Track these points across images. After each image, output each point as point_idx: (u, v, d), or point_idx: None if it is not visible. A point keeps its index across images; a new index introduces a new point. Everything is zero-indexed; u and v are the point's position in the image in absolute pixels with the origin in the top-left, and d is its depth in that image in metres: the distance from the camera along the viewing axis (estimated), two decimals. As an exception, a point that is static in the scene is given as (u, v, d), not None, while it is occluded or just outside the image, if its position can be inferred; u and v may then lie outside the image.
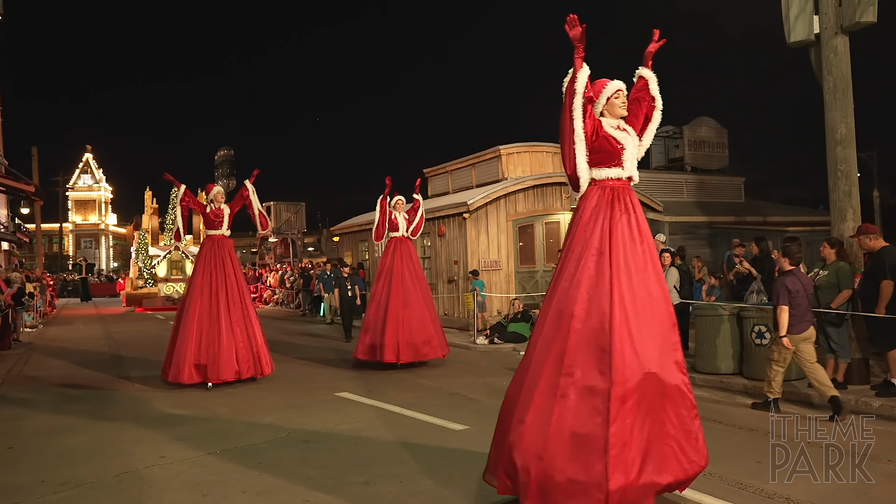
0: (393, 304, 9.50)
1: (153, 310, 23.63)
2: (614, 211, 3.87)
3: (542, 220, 15.02)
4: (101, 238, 62.95)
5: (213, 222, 8.99)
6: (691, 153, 20.73)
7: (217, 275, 8.62)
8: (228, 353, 8.27)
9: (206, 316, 8.38)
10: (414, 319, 9.49)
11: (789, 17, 7.95)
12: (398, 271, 9.71)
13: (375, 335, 9.49)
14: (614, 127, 4.03)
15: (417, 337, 9.44)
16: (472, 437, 5.75)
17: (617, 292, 3.66)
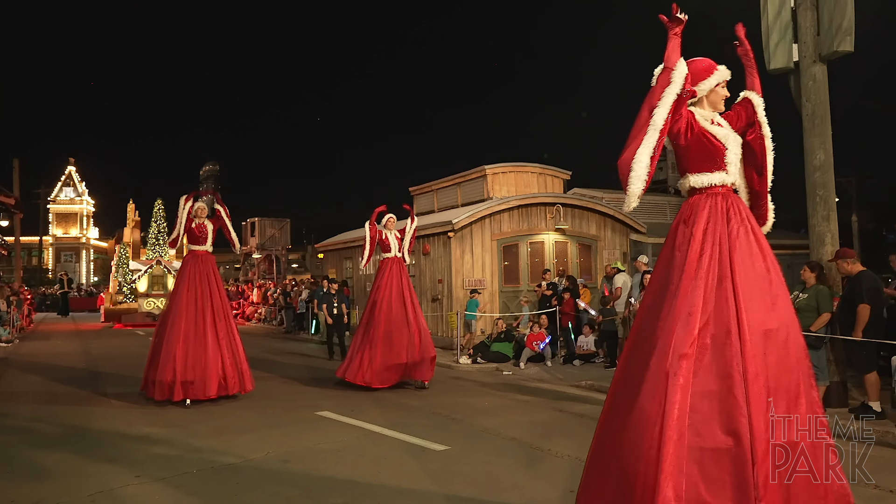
0: (382, 327, 9.31)
1: (133, 326, 23.01)
2: (731, 224, 3.19)
3: (526, 239, 15.09)
4: (81, 252, 62.26)
5: (198, 238, 8.94)
6: (675, 175, 20.97)
7: (202, 290, 8.54)
8: (215, 370, 8.20)
9: (192, 332, 8.27)
10: (402, 344, 9.28)
11: (769, 44, 8.12)
12: (389, 294, 9.56)
13: (362, 358, 9.30)
14: (709, 121, 3.37)
15: (391, 360, 9.20)
16: (453, 458, 5.72)
17: (749, 333, 2.96)
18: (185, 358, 8.12)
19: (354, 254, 18.69)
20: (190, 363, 8.11)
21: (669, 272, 3.19)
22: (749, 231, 3.19)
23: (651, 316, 3.19)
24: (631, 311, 10.04)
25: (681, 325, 3.00)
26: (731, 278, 3.05)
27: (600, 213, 16.07)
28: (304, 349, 15.55)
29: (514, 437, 6.48)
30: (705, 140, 3.27)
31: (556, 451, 5.91)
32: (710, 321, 3.00)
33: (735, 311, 2.99)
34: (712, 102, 3.40)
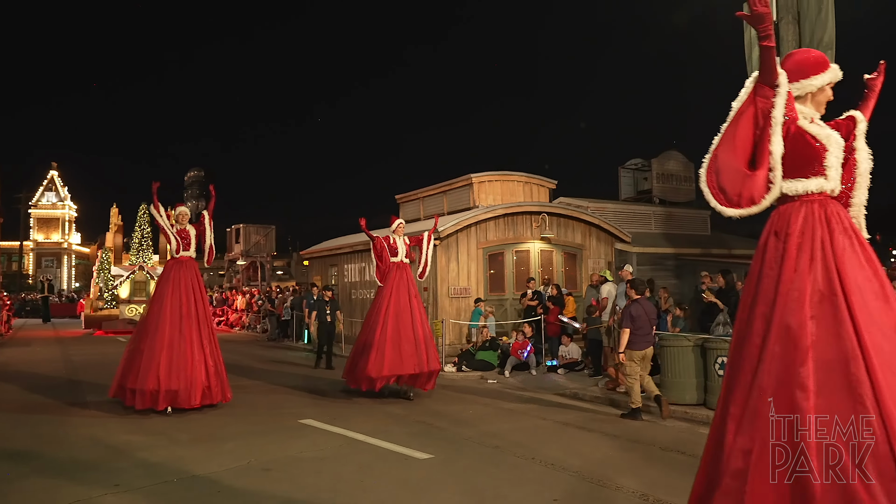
0: (389, 334, 9.07)
1: (114, 333, 22.55)
2: (835, 235, 2.77)
3: (512, 248, 15.12)
4: (63, 257, 61.50)
5: (179, 243, 8.79)
6: (659, 186, 21.12)
7: (186, 297, 8.36)
8: (199, 378, 8.06)
9: (176, 340, 8.09)
10: (401, 351, 9.03)
11: (752, 57, 8.23)
12: (397, 300, 9.30)
13: (358, 364, 9.16)
14: (809, 120, 2.95)
15: (399, 369, 8.96)
16: (436, 466, 5.69)
17: (874, 356, 2.52)
18: (168, 366, 7.92)
19: (339, 261, 18.63)
20: (174, 372, 7.93)
21: (762, 292, 2.81)
22: (855, 243, 2.77)
23: (746, 346, 2.83)
24: (615, 319, 10.07)
25: (784, 355, 2.65)
26: (842, 297, 2.63)
27: (586, 223, 16.14)
28: (289, 357, 15.43)
29: (498, 445, 6.46)
30: (804, 140, 2.84)
31: (540, 459, 5.90)
32: (823, 346, 2.60)
33: (854, 334, 2.57)
34: (817, 102, 3.01)
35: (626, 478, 5.35)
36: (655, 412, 7.91)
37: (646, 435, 6.99)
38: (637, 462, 5.91)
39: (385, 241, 9.71)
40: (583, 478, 5.34)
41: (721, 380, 7.92)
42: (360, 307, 17.44)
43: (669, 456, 6.12)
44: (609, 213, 18.11)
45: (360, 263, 17.58)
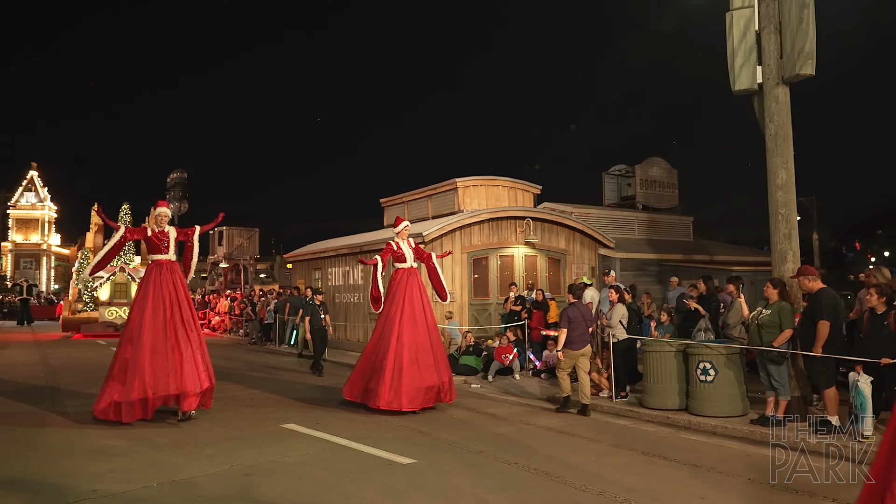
0: (395, 345, 8.50)
1: (93, 336, 22.12)
2: None
3: (496, 253, 15.14)
4: (42, 258, 60.68)
5: (158, 246, 8.29)
6: (643, 192, 21.30)
7: (171, 302, 7.97)
8: (193, 384, 7.74)
9: (160, 345, 7.69)
10: (419, 364, 8.45)
11: (734, 66, 8.33)
12: (411, 309, 8.73)
13: (372, 378, 8.50)
14: None
15: (419, 383, 8.35)
16: (419, 471, 5.68)
17: None
18: (154, 373, 7.56)
19: (324, 265, 18.56)
20: (161, 378, 7.57)
21: None
22: None
23: None
24: (599, 324, 10.12)
25: None
26: None
27: (569, 228, 16.21)
28: (271, 361, 15.33)
29: (481, 450, 6.46)
30: None
31: (523, 464, 5.91)
32: None
33: None
34: None
35: (607, 483, 5.37)
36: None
37: (628, 440, 7.03)
38: (619, 467, 5.94)
39: (390, 249, 9.20)
40: (565, 482, 5.36)
41: (703, 385, 8.01)
42: (343, 311, 17.38)
43: (651, 461, 6.15)
44: (593, 219, 18.21)
45: (344, 267, 17.52)
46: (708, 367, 7.79)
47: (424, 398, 8.37)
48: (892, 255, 51.39)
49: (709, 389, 7.78)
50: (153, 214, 8.39)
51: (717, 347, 7.88)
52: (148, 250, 8.43)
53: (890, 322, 6.44)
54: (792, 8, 7.81)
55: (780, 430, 6.96)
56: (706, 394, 7.80)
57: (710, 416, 7.66)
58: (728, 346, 7.89)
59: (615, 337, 9.05)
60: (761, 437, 6.91)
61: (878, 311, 6.54)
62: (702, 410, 7.78)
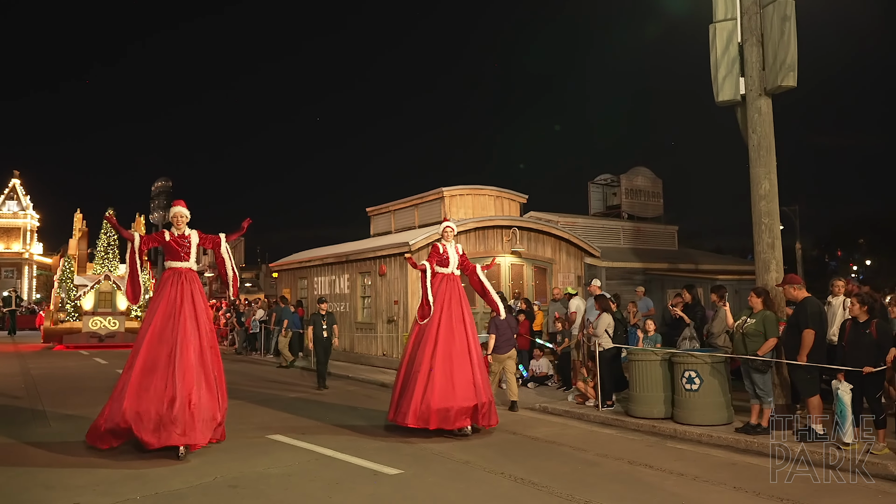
0: (429, 360, 7.64)
1: (76, 347, 21.33)
2: None
3: (482, 262, 15.11)
4: (24, 267, 59.93)
5: (177, 251, 7.17)
6: (628, 201, 21.46)
7: (187, 317, 6.81)
8: (211, 413, 6.64)
9: (163, 369, 6.55)
10: (454, 381, 7.54)
11: (718, 77, 8.43)
12: (449, 318, 7.88)
13: (404, 395, 7.72)
14: None
15: (458, 401, 7.43)
16: (405, 482, 5.65)
17: None
18: (142, 399, 6.43)
19: (310, 274, 18.48)
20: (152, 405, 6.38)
21: None
22: None
23: None
24: (585, 333, 10.14)
25: None
26: None
27: (556, 237, 16.28)
28: (257, 370, 15.21)
29: (468, 460, 6.44)
30: None
31: (509, 474, 5.90)
32: None
33: None
34: None
35: (594, 492, 5.37)
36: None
37: (614, 449, 7.04)
38: (605, 476, 5.95)
39: (436, 252, 8.31)
40: (551, 492, 5.35)
41: (689, 394, 8.07)
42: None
43: (637, 470, 6.16)
44: (579, 228, 18.31)
45: (330, 276, 17.47)
46: (693, 376, 7.83)
47: (458, 418, 7.42)
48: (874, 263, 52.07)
49: (694, 398, 7.82)
50: (170, 215, 7.59)
51: (702, 356, 7.92)
52: (166, 256, 7.33)
53: (871, 330, 6.51)
54: (774, 20, 7.93)
55: (764, 438, 7.00)
56: (691, 402, 7.84)
57: (695, 424, 7.69)
58: (713, 354, 7.93)
59: (601, 346, 9.08)
60: (746, 446, 6.95)
61: (860, 319, 6.62)
62: (687, 419, 7.81)
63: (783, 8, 7.87)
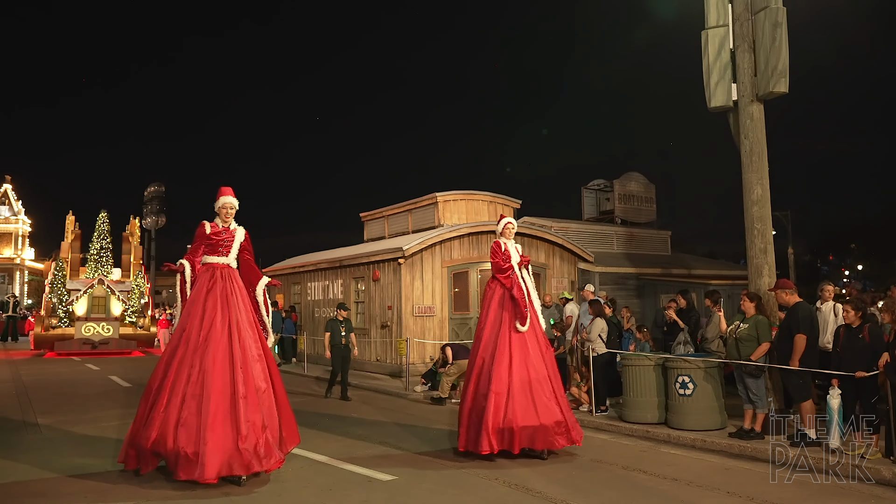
0: (504, 373, 6.66)
1: (67, 354, 20.29)
2: None
3: (476, 267, 15.16)
4: (15, 273, 59.60)
5: (216, 245, 6.30)
6: (621, 206, 21.49)
7: (224, 319, 5.94)
8: (252, 434, 5.62)
9: (195, 379, 5.67)
10: (533, 396, 6.66)
11: (710, 83, 8.49)
12: (511, 325, 6.86)
13: (472, 416, 6.73)
14: None
15: (535, 419, 6.56)
16: (400, 488, 5.63)
17: None
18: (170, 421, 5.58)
19: (303, 279, 18.44)
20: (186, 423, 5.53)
21: None
22: None
23: None
24: (579, 338, 10.15)
25: None
26: None
27: (549, 242, 16.30)
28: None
29: (462, 466, 6.43)
30: None
31: (504, 480, 5.89)
32: None
33: None
34: None
35: (588, 497, 5.37)
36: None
37: (608, 454, 7.04)
38: (599, 481, 5.94)
39: (498, 250, 7.28)
40: (545, 498, 5.34)
41: (682, 399, 8.08)
42: (323, 326, 17.24)
43: (631, 475, 6.16)
44: (572, 233, 18.33)
45: (323, 282, 17.43)
46: (687, 381, 7.84)
47: (544, 438, 6.60)
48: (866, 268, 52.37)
49: (687, 403, 7.83)
50: (217, 205, 6.44)
51: (696, 361, 7.94)
52: (204, 250, 6.37)
53: (864, 335, 6.55)
54: (765, 27, 7.99)
55: (758, 443, 7.02)
56: (685, 407, 7.85)
57: (689, 429, 7.70)
58: (706, 359, 7.95)
59: (595, 351, 9.08)
60: (740, 451, 6.96)
61: (854, 325, 6.65)
62: (681, 424, 7.82)
63: (774, 15, 7.93)
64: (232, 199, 6.44)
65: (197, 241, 6.33)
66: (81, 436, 7.79)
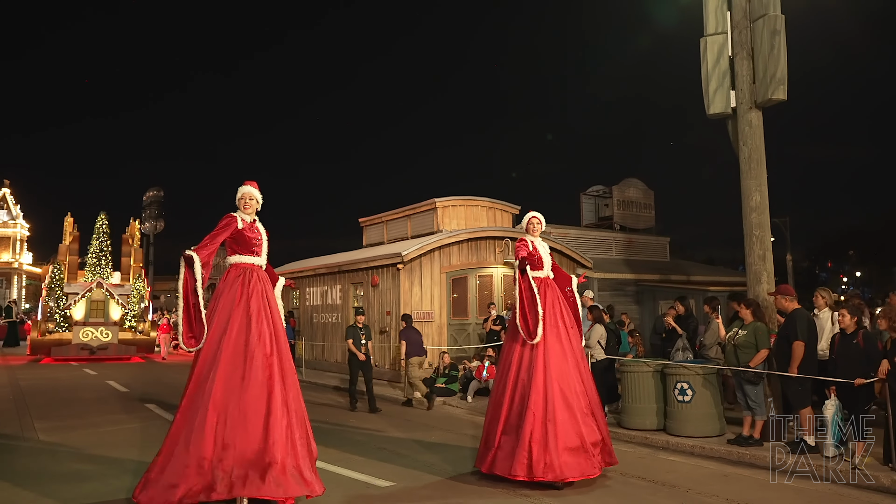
0: (542, 388, 5.94)
1: (65, 360, 19.73)
2: None
3: (475, 273, 15.16)
4: (13, 277, 59.52)
5: (249, 243, 5.51)
6: (620, 212, 21.52)
7: (258, 328, 5.20)
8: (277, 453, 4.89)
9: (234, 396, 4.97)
10: (575, 412, 5.96)
11: (709, 90, 8.51)
12: (545, 335, 6.14)
13: (505, 436, 6.02)
14: None
15: (579, 439, 5.85)
16: (397, 495, 5.62)
17: None
18: (226, 436, 4.86)
19: (301, 284, 18.42)
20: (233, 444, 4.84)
21: None
22: None
23: None
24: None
25: None
26: None
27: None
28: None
29: (458, 473, 6.41)
30: None
31: (502, 486, 5.87)
32: None
33: None
34: None
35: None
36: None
37: (607, 460, 7.01)
38: (598, 488, 5.92)
39: (524, 247, 6.55)
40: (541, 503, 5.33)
41: (681, 405, 8.06)
42: (321, 331, 17.24)
43: (630, 482, 6.15)
44: (571, 239, 18.35)
45: (322, 287, 17.42)
46: (685, 388, 7.84)
47: (588, 460, 5.82)
48: (864, 275, 52.45)
49: (686, 410, 7.83)
50: (237, 196, 5.67)
51: (694, 368, 7.93)
52: (233, 248, 5.54)
53: (858, 340, 6.55)
54: (764, 35, 8.02)
55: (756, 450, 7.01)
56: (684, 414, 7.84)
57: (687, 436, 7.69)
58: (705, 366, 7.95)
59: (594, 357, 9.08)
60: (739, 457, 6.95)
61: (849, 331, 6.65)
62: (679, 430, 7.81)
63: (773, 22, 7.96)
64: (255, 190, 5.65)
65: (220, 232, 5.38)
66: (79, 442, 7.74)
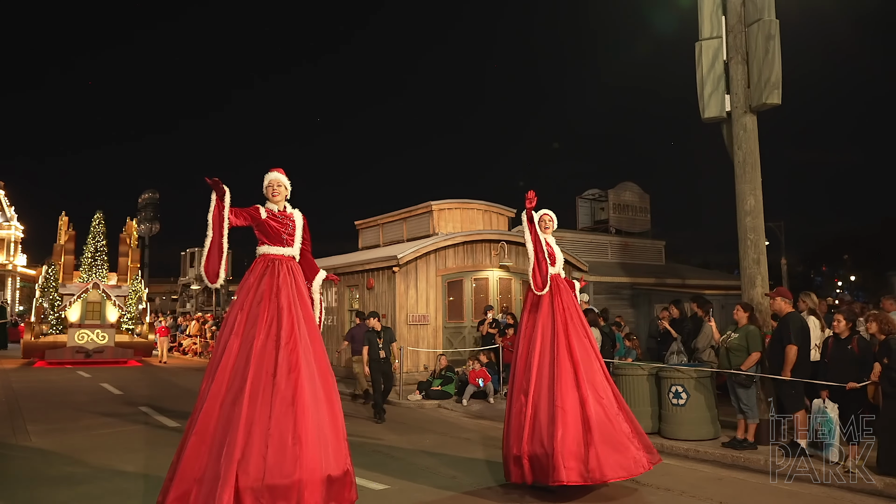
0: (572, 387, 5.67)
1: (59, 364, 19.06)
2: None
3: (471, 275, 15.17)
4: (7, 279, 59.29)
5: (277, 233, 5.04)
6: (616, 216, 21.57)
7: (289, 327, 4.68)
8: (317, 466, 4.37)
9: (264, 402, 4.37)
10: (606, 412, 5.67)
11: (704, 94, 8.53)
12: (565, 332, 5.93)
13: (533, 440, 5.60)
14: None
15: (614, 439, 5.55)
16: (392, 497, 5.61)
17: None
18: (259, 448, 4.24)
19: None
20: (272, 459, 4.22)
21: None
22: None
23: None
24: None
25: None
26: None
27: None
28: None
29: (454, 475, 6.41)
30: None
31: (498, 488, 5.87)
32: None
33: None
34: None
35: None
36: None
37: (601, 464, 7.01)
38: (592, 491, 5.92)
39: (537, 242, 6.44)
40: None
41: (675, 409, 8.07)
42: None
43: (624, 486, 6.14)
44: (567, 242, 18.37)
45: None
46: (680, 391, 7.85)
47: (625, 460, 5.51)
48: (859, 279, 52.62)
49: (681, 413, 7.84)
50: (264, 183, 5.18)
51: (689, 371, 7.95)
52: (261, 239, 5.07)
53: (853, 346, 6.57)
54: (758, 39, 8.05)
55: (750, 453, 7.03)
56: (678, 417, 7.85)
57: (682, 439, 7.70)
58: (699, 369, 7.96)
59: (589, 360, 9.07)
60: (733, 461, 6.97)
61: (843, 335, 6.67)
62: (674, 434, 7.83)
63: (768, 27, 7.99)
64: (283, 176, 5.16)
65: (244, 215, 4.96)
66: (73, 445, 7.71)
